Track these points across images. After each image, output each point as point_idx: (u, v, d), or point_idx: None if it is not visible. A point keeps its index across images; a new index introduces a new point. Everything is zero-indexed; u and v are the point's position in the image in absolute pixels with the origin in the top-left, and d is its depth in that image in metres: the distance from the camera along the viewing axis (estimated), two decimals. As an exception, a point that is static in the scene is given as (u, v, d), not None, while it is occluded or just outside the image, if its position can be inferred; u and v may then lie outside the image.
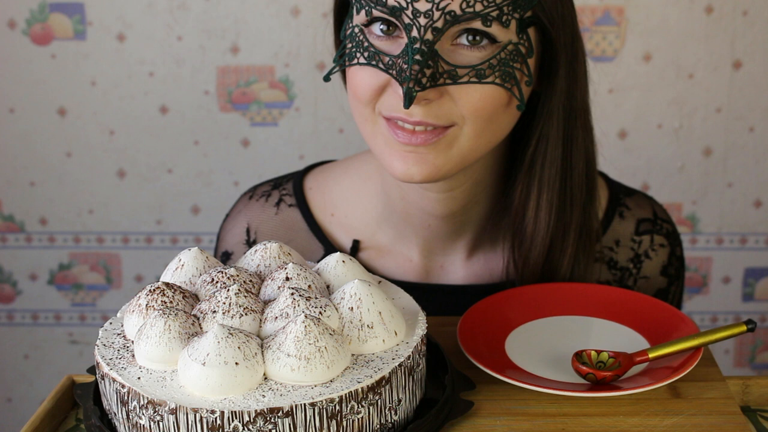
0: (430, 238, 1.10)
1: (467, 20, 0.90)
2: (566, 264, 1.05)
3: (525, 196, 1.03)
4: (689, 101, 1.89)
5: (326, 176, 1.16)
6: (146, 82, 1.89)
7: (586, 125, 1.04)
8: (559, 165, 1.02)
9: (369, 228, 1.12)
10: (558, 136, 1.01)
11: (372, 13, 0.93)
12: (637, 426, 0.81)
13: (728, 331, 0.89)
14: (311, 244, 1.13)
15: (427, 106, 0.92)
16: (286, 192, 1.16)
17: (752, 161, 1.92)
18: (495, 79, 0.92)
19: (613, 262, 1.12)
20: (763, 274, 2.00)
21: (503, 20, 0.91)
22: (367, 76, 0.94)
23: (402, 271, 1.11)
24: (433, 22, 0.90)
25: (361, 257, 1.11)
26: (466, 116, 0.93)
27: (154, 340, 0.75)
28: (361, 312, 0.78)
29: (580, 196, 1.04)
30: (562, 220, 1.03)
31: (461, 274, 1.11)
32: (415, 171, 0.95)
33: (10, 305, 2.04)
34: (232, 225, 1.16)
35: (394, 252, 1.11)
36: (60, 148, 1.93)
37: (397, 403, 0.77)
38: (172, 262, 0.87)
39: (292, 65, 1.88)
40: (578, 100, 1.01)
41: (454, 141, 0.95)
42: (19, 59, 1.88)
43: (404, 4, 0.90)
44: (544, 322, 0.98)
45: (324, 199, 1.14)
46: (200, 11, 1.86)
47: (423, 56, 0.89)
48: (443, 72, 0.91)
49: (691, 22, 1.84)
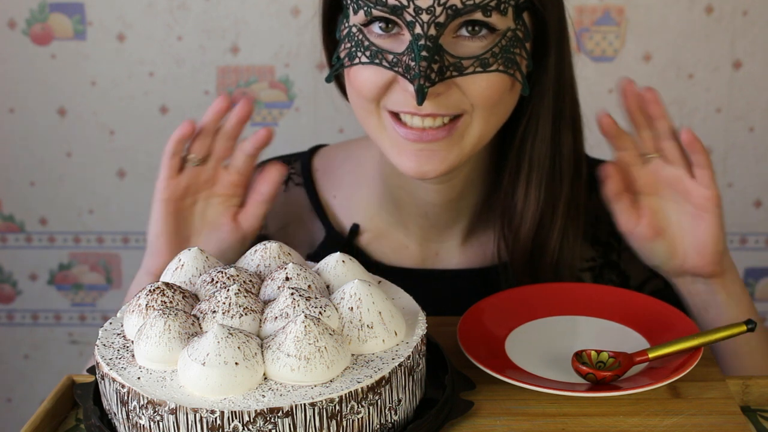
0: (426, 226, 1.11)
1: (468, 12, 0.92)
2: (555, 238, 1.06)
3: (515, 174, 1.05)
4: (689, 101, 1.89)
5: (332, 158, 1.19)
6: (146, 82, 1.89)
7: (573, 99, 1.06)
8: (549, 142, 1.04)
9: (368, 213, 1.14)
10: (548, 114, 1.03)
11: (372, 12, 0.93)
12: (637, 426, 0.81)
13: (728, 331, 0.89)
14: (313, 224, 1.15)
15: (436, 99, 0.94)
16: (294, 171, 1.18)
17: (752, 161, 1.92)
18: (499, 66, 0.94)
19: (596, 238, 1.12)
20: (763, 274, 2.00)
21: (501, 8, 0.93)
22: (372, 74, 0.96)
23: (398, 257, 1.13)
24: (436, 17, 0.91)
25: (360, 241, 1.14)
26: (475, 105, 0.95)
27: (154, 340, 0.75)
28: (361, 312, 0.78)
29: (568, 171, 1.06)
30: (552, 195, 1.05)
31: (456, 260, 1.13)
32: (428, 168, 0.97)
33: (10, 305, 2.04)
34: None
35: (390, 238, 1.13)
36: (60, 148, 1.93)
37: (397, 403, 0.77)
38: (172, 262, 0.87)
39: (292, 65, 1.88)
40: (566, 76, 1.04)
41: (465, 131, 0.97)
42: (19, 59, 1.88)
43: (405, 2, 0.91)
44: (544, 322, 0.98)
45: (328, 182, 1.17)
46: (200, 11, 1.86)
47: (429, 52, 0.91)
48: (449, 65, 0.92)
49: (691, 22, 1.84)
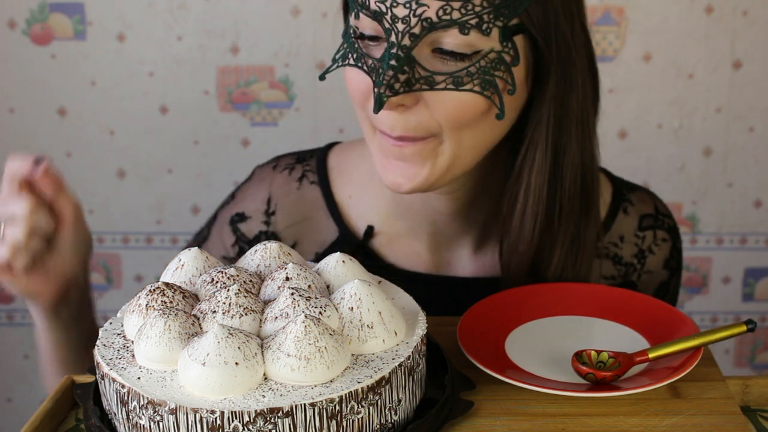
0: (436, 233, 1.10)
1: (444, 28, 0.89)
2: (554, 268, 1.03)
3: (512, 202, 1.02)
4: (689, 101, 1.89)
5: (347, 158, 1.16)
6: (146, 82, 1.89)
7: (584, 137, 1.01)
8: (547, 174, 1.00)
9: (381, 216, 1.12)
10: (547, 144, 0.99)
11: (359, 16, 0.93)
12: (637, 426, 0.81)
13: (728, 331, 0.89)
14: (327, 224, 1.13)
15: (404, 115, 0.92)
16: (309, 168, 1.16)
17: (752, 161, 1.92)
18: (474, 86, 0.91)
19: (618, 257, 1.12)
20: (763, 274, 2.00)
21: (483, 28, 0.89)
22: (356, 76, 0.95)
23: (411, 262, 1.12)
24: (411, 28, 0.89)
25: (374, 243, 1.12)
26: (442, 124, 0.93)
27: (154, 340, 0.75)
28: (361, 312, 0.78)
29: (570, 209, 1.02)
30: (550, 230, 1.02)
31: (469, 268, 1.12)
32: (402, 181, 0.96)
33: (10, 305, 2.04)
34: (253, 190, 1.16)
35: (402, 243, 1.12)
36: (60, 148, 1.93)
37: (397, 403, 0.77)
38: (172, 262, 0.87)
39: (292, 65, 1.88)
40: (574, 110, 0.99)
41: (436, 150, 0.94)
42: (19, 59, 1.88)
43: (384, 9, 0.90)
44: (544, 322, 0.98)
45: (344, 181, 1.15)
46: (200, 11, 1.86)
47: (399, 61, 0.89)
48: (420, 78, 0.90)
49: (691, 22, 1.84)
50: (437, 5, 0.88)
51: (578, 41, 0.98)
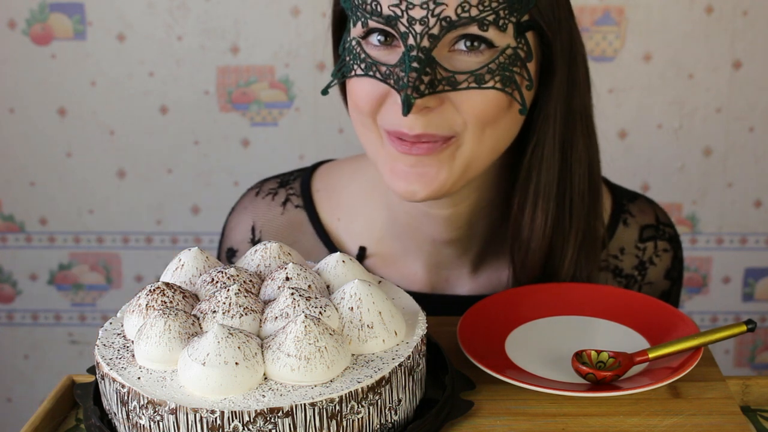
0: (434, 254, 1.09)
1: (463, 25, 0.89)
2: (566, 270, 1.03)
3: (522, 202, 1.02)
4: (689, 101, 1.89)
5: (334, 179, 1.15)
6: (146, 82, 1.89)
7: (587, 131, 1.02)
8: (557, 171, 1.00)
9: (374, 237, 1.11)
10: (555, 141, 0.99)
11: (368, 24, 0.92)
12: (637, 426, 0.81)
13: (728, 331, 0.89)
14: (316, 248, 1.12)
15: (427, 116, 0.91)
16: (293, 192, 1.14)
17: (752, 161, 1.92)
18: (495, 83, 0.91)
19: (619, 270, 1.11)
20: (763, 274, 2.00)
21: (500, 24, 0.90)
22: (366, 86, 0.93)
23: (407, 282, 1.10)
24: (429, 28, 0.89)
25: (367, 265, 1.10)
26: (468, 122, 0.92)
27: (154, 340, 0.75)
28: (361, 312, 0.78)
29: (581, 204, 1.02)
30: (561, 227, 1.02)
31: (467, 287, 1.11)
32: (417, 188, 0.94)
33: (10, 305, 2.04)
34: (237, 221, 1.15)
35: (398, 264, 1.10)
36: (60, 148, 1.93)
37: (397, 403, 0.77)
38: (172, 262, 0.87)
39: (292, 65, 1.89)
40: (577, 104, 1.00)
41: (456, 151, 0.93)
42: (19, 59, 1.88)
43: (399, 12, 0.89)
44: (544, 322, 0.98)
45: (331, 204, 1.13)
46: (200, 11, 1.86)
47: (420, 63, 0.88)
48: (442, 78, 0.90)
49: (691, 22, 1.84)
50: (456, 3, 0.89)
51: (578, 36, 0.99)
